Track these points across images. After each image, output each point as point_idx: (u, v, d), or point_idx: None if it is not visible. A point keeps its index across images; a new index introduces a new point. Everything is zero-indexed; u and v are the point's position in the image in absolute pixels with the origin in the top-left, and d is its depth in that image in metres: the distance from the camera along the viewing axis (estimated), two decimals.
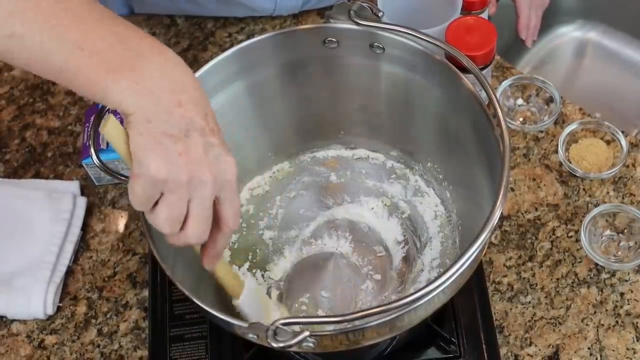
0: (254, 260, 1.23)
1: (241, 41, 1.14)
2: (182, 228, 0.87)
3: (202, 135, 0.85)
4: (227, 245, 0.93)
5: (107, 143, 1.31)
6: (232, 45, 1.13)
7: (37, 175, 1.42)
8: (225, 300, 1.17)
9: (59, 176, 1.41)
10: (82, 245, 1.34)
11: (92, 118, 1.34)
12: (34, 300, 1.26)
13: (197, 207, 0.86)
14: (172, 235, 0.88)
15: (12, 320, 1.29)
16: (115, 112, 0.85)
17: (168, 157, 0.83)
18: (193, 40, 1.54)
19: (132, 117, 0.83)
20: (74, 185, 1.38)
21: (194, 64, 1.50)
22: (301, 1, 1.50)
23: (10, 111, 1.49)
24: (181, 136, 0.83)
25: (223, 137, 0.88)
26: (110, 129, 0.85)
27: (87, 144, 1.32)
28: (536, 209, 1.31)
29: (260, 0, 1.49)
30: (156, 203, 0.86)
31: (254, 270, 1.21)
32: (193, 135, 0.84)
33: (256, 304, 1.09)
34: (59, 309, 1.29)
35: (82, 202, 1.36)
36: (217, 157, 0.86)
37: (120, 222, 1.36)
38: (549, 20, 1.76)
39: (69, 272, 1.32)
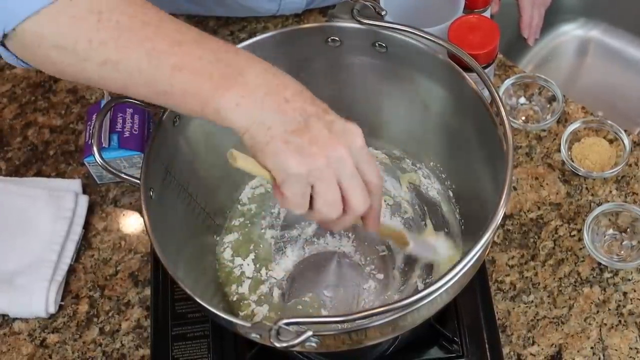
0: (257, 258, 1.22)
1: (243, 40, 1.14)
2: (345, 205, 0.91)
3: (319, 118, 0.88)
4: (382, 204, 0.99)
5: (109, 141, 1.31)
6: (234, 44, 1.13)
7: (39, 173, 1.42)
8: (227, 299, 1.18)
9: (60, 174, 1.41)
10: (84, 243, 1.34)
11: (94, 116, 1.34)
12: (35, 298, 1.26)
13: (348, 182, 0.90)
14: (342, 218, 0.93)
15: (14, 319, 1.29)
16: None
17: (301, 150, 0.86)
18: None
19: (251, 131, 0.86)
20: (75, 184, 1.38)
21: None
22: (304, 2, 1.50)
23: (12, 109, 1.49)
24: (302, 127, 0.87)
25: (334, 112, 0.91)
26: (240, 160, 0.90)
27: (89, 142, 1.32)
28: (539, 208, 1.31)
29: (264, 2, 1.49)
30: (311, 201, 0.90)
31: (257, 266, 1.21)
32: (312, 121, 0.87)
33: (424, 243, 1.17)
34: (60, 307, 1.29)
35: (84, 200, 1.36)
36: (342, 130, 0.89)
37: (122, 221, 1.36)
38: (551, 19, 1.76)
39: (71, 271, 1.32)
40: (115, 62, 0.87)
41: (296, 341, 0.85)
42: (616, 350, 1.19)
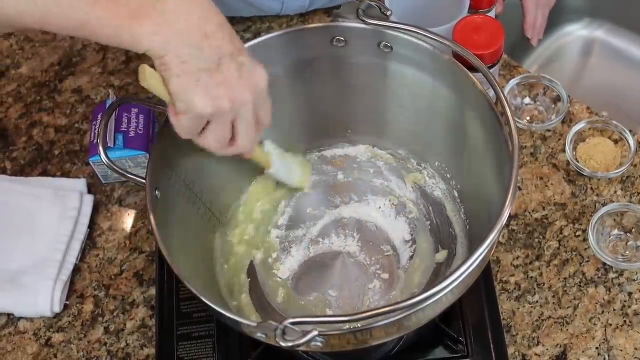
0: (263, 257, 1.23)
1: (248, 40, 1.14)
2: (231, 141, 0.95)
3: (232, 59, 0.89)
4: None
5: (115, 141, 1.31)
6: None
7: (45, 173, 1.42)
8: (232, 299, 1.18)
9: (66, 174, 1.41)
10: (89, 243, 1.34)
11: (99, 116, 1.34)
12: (41, 298, 1.26)
13: (243, 124, 0.93)
14: (226, 149, 0.96)
15: (20, 318, 1.29)
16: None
17: (209, 91, 0.87)
18: None
19: (165, 60, 0.86)
20: (81, 184, 1.38)
21: None
22: (308, 2, 1.50)
23: (18, 109, 1.49)
24: (215, 67, 0.87)
25: (246, 49, 0.92)
26: (149, 77, 0.90)
27: (95, 142, 1.32)
28: (544, 208, 1.31)
29: (268, 1, 1.49)
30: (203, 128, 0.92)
31: (262, 265, 1.22)
32: (225, 62, 0.88)
33: (286, 167, 1.21)
34: (66, 307, 1.29)
35: (89, 200, 1.36)
36: (250, 72, 0.90)
37: (128, 220, 1.36)
38: (555, 19, 1.76)
39: (76, 270, 1.32)
40: None
41: (302, 341, 0.86)
42: (621, 350, 1.19)
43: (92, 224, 1.36)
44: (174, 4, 0.86)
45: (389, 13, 1.10)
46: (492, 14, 1.33)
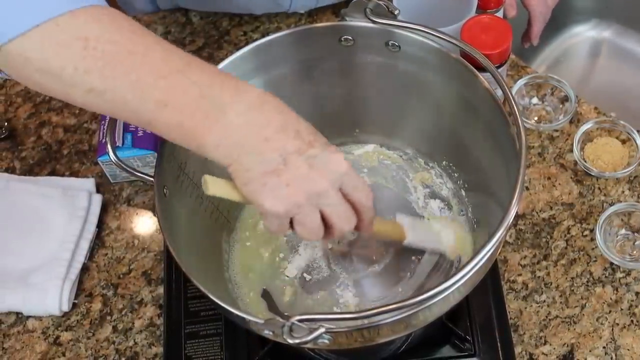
0: (270, 256, 1.23)
1: (256, 39, 1.14)
2: (329, 228, 0.94)
3: (300, 154, 0.88)
4: (373, 214, 0.99)
5: (123, 140, 1.31)
6: (247, 44, 1.14)
7: (53, 172, 1.42)
8: (239, 297, 1.18)
9: (74, 174, 1.42)
10: (98, 242, 1.35)
11: (108, 116, 1.35)
12: (49, 296, 1.26)
13: (329, 211, 0.92)
14: (327, 235, 0.95)
15: (28, 317, 1.29)
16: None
17: (277, 192, 0.88)
18: (208, 38, 1.55)
19: (232, 169, 0.88)
20: (89, 183, 1.38)
21: (209, 62, 1.50)
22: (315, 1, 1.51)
23: (27, 109, 1.49)
24: (281, 167, 0.87)
25: (321, 139, 0.91)
26: (212, 187, 0.93)
27: (103, 141, 1.33)
28: (551, 208, 1.31)
29: None
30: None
31: (270, 264, 1.22)
32: (292, 160, 0.88)
33: (424, 233, 1.17)
34: (74, 305, 1.29)
35: (97, 199, 1.36)
36: (324, 162, 0.89)
37: (136, 220, 1.37)
38: (563, 20, 1.76)
39: (85, 269, 1.32)
40: (100, 91, 0.86)
41: (309, 338, 0.86)
42: (628, 350, 1.19)
43: (101, 223, 1.36)
44: (236, 113, 0.87)
45: (396, 12, 1.10)
46: (499, 14, 1.33)
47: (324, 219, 0.93)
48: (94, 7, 0.87)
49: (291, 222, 0.92)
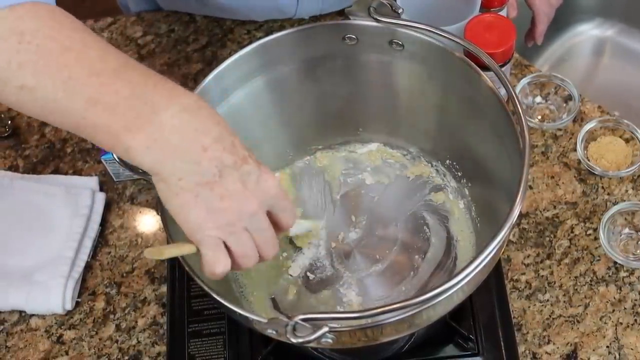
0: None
1: (260, 38, 1.14)
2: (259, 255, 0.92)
3: (235, 169, 0.85)
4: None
5: None
6: (250, 42, 1.13)
7: (56, 171, 1.42)
8: (243, 296, 1.18)
9: (77, 172, 1.42)
10: (101, 240, 1.35)
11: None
12: (52, 295, 1.26)
13: (259, 235, 0.90)
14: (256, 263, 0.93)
15: (31, 315, 1.29)
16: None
17: (210, 205, 0.85)
18: (212, 37, 1.55)
19: (162, 176, 0.84)
20: (92, 181, 1.38)
21: (213, 60, 1.51)
22: (320, 5, 1.50)
23: None
24: (216, 179, 0.84)
25: (254, 156, 0.88)
26: (156, 255, 0.92)
27: None
28: (554, 207, 1.31)
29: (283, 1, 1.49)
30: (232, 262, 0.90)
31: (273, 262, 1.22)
32: (227, 173, 0.85)
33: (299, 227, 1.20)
34: (77, 304, 1.29)
35: (100, 197, 1.36)
36: (257, 181, 0.87)
37: (139, 218, 1.37)
38: (567, 19, 1.76)
39: (88, 268, 1.32)
40: (31, 88, 0.84)
41: (312, 337, 0.86)
42: (632, 349, 1.19)
43: (104, 222, 1.36)
44: (170, 115, 0.83)
45: (400, 11, 1.10)
46: (503, 13, 1.33)
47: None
48: (35, 3, 0.85)
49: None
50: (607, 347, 1.19)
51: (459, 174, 1.24)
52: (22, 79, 0.84)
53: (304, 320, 0.86)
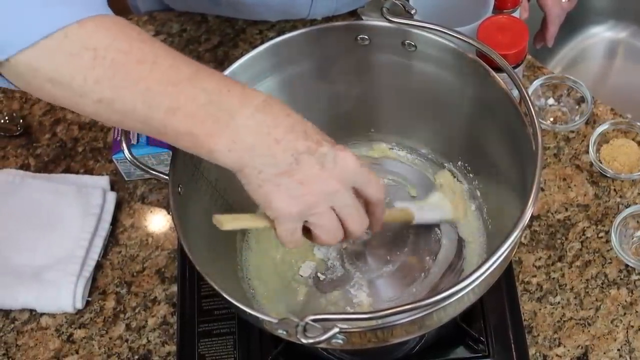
0: (285, 255, 1.23)
1: (272, 38, 1.14)
2: (344, 230, 0.95)
3: (310, 154, 0.89)
4: (384, 210, 1.02)
5: (138, 137, 1.31)
6: (262, 42, 1.13)
7: (68, 170, 1.42)
8: (253, 296, 1.18)
9: (89, 171, 1.42)
10: (112, 240, 1.35)
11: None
12: (63, 294, 1.27)
13: (344, 211, 0.93)
14: (337, 241, 0.96)
15: (42, 314, 1.29)
16: None
17: (292, 192, 0.89)
18: (224, 37, 1.55)
19: (244, 173, 0.89)
20: (104, 180, 1.39)
21: (224, 60, 1.51)
22: (334, 7, 1.50)
23: (42, 106, 1.50)
24: (293, 167, 0.88)
25: (328, 138, 0.92)
26: (225, 223, 0.96)
27: (118, 138, 1.33)
28: (566, 209, 1.30)
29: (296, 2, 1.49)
30: (309, 231, 0.94)
31: (284, 263, 1.22)
32: (303, 159, 0.89)
33: (428, 209, 1.20)
34: (87, 303, 1.30)
35: (111, 197, 1.37)
36: (334, 161, 0.90)
37: (150, 218, 1.37)
38: (580, 21, 1.76)
39: (98, 267, 1.32)
40: (109, 100, 0.86)
41: (323, 337, 0.86)
42: None
43: (115, 221, 1.36)
44: (245, 118, 0.87)
45: (413, 11, 1.10)
46: (516, 14, 1.33)
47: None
48: (102, 16, 0.87)
49: (304, 230, 0.93)
50: (618, 350, 1.19)
51: (471, 175, 1.24)
52: (99, 93, 0.86)
53: (314, 320, 0.86)
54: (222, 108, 0.87)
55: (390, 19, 1.10)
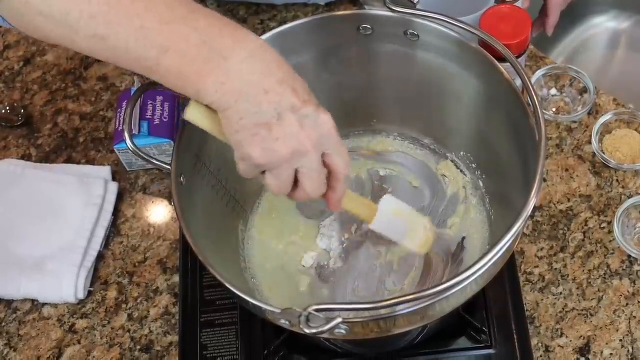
0: (286, 246, 1.23)
1: (273, 28, 1.14)
2: (298, 187, 0.95)
3: (294, 112, 0.89)
4: (346, 188, 1.00)
5: (140, 128, 1.31)
6: (264, 32, 1.13)
7: (69, 160, 1.42)
8: (255, 286, 1.18)
9: (90, 161, 1.42)
10: (113, 230, 1.35)
11: (124, 104, 1.35)
12: (65, 284, 1.27)
13: (305, 172, 0.93)
14: (296, 194, 0.96)
15: (44, 304, 1.29)
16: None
17: (265, 145, 0.89)
18: None
19: (226, 114, 0.89)
20: (105, 171, 1.38)
21: None
22: None
23: (43, 96, 1.49)
24: (274, 121, 0.88)
25: (314, 100, 0.92)
26: (191, 113, 0.94)
27: (120, 128, 1.33)
28: (569, 200, 1.30)
29: None
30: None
31: (286, 253, 1.22)
32: (286, 116, 0.88)
33: (391, 224, 1.09)
34: (89, 293, 1.30)
35: (113, 187, 1.36)
36: (314, 123, 0.90)
37: (151, 208, 1.37)
38: (583, 11, 1.75)
39: (100, 257, 1.32)
40: (103, 36, 0.87)
41: (326, 328, 0.85)
42: None
43: (116, 212, 1.36)
44: (238, 61, 0.87)
45: (416, 1, 1.09)
46: (519, 4, 1.32)
47: (296, 178, 0.94)
48: None
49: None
50: (621, 340, 1.19)
51: (474, 165, 1.23)
52: (94, 28, 0.86)
53: (317, 310, 0.86)
54: (215, 49, 0.87)
55: (393, 8, 1.09)
